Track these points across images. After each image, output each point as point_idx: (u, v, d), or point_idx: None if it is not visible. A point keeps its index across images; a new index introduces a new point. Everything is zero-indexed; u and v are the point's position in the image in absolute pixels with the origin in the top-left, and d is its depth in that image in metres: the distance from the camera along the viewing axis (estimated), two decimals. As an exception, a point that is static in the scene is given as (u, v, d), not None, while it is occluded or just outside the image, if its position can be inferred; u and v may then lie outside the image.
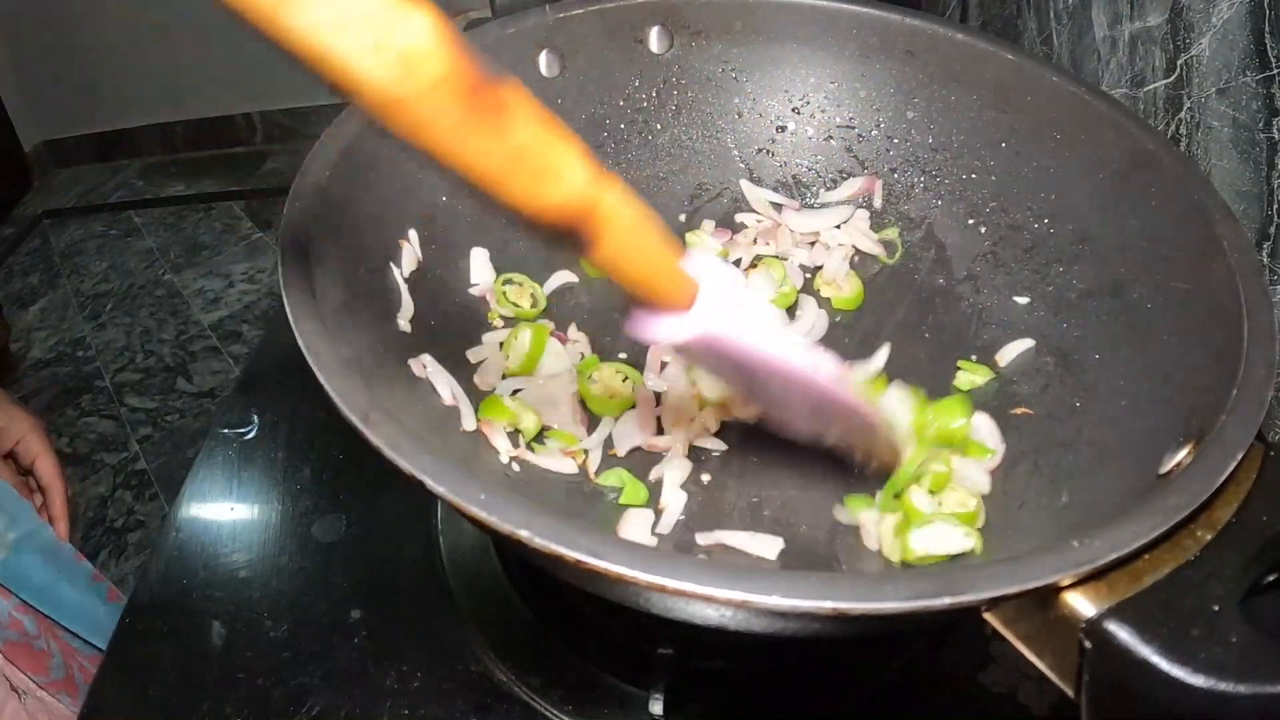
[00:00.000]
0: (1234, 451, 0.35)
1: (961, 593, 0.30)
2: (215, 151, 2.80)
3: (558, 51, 0.61)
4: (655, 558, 0.30)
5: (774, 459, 0.52)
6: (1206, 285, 0.45)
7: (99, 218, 2.57)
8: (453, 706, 0.52)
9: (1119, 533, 0.32)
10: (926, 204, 0.64)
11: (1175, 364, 0.45)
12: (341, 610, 0.56)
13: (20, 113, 2.68)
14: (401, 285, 0.52)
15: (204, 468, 0.66)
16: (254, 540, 0.61)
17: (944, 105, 0.62)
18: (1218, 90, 0.57)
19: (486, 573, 0.58)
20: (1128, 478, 0.42)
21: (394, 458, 0.34)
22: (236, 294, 2.23)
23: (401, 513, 0.62)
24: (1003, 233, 0.60)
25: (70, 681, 0.71)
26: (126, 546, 1.68)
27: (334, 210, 0.47)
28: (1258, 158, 0.55)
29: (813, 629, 0.37)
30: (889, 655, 0.54)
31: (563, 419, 0.53)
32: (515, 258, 0.61)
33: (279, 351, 0.76)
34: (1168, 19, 0.60)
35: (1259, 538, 0.33)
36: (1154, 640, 0.30)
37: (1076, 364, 0.53)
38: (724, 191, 0.67)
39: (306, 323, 0.39)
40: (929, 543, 0.45)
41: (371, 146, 0.51)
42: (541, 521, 0.31)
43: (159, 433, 1.90)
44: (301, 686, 0.53)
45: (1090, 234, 0.55)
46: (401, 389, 0.48)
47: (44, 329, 2.19)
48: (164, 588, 0.58)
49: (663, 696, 0.49)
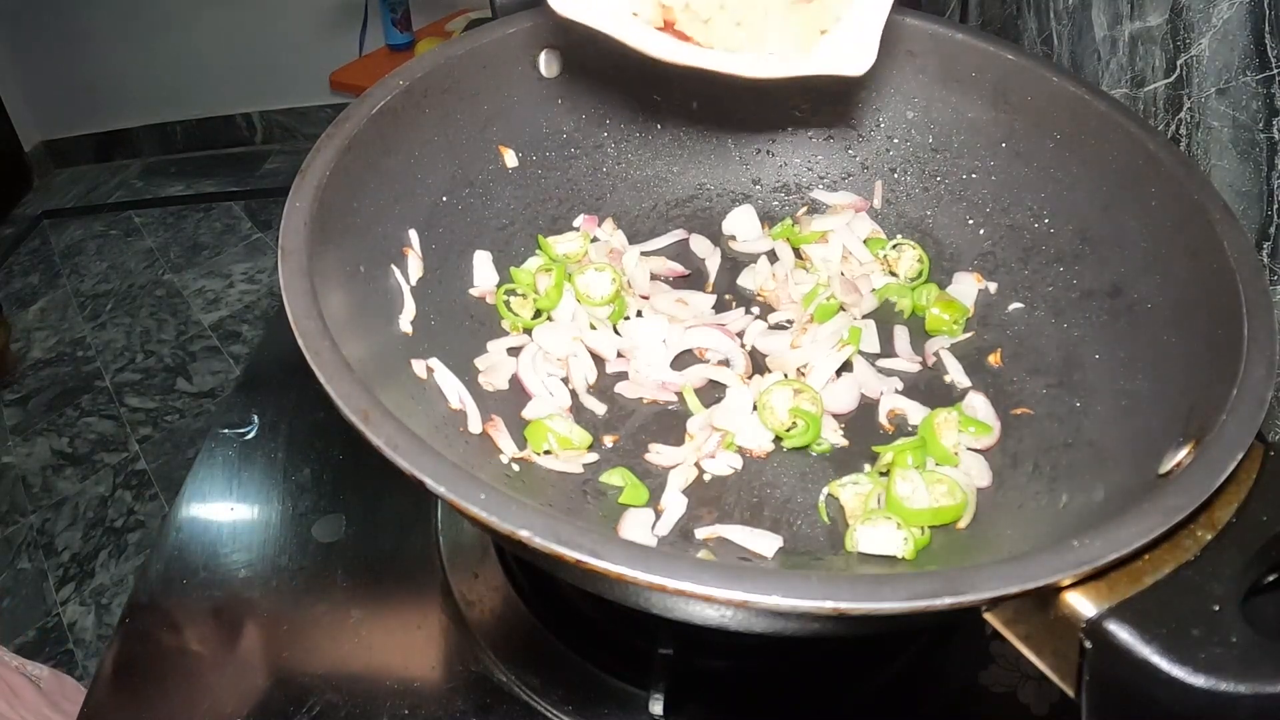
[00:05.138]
0: (1234, 451, 0.35)
1: (961, 593, 0.30)
2: (215, 151, 2.81)
3: (557, 51, 0.61)
4: (655, 558, 0.30)
5: (774, 458, 0.52)
6: (1206, 285, 0.45)
7: (99, 218, 2.57)
8: (453, 706, 0.52)
9: (1119, 533, 0.32)
10: (926, 204, 0.64)
11: (1175, 364, 0.45)
12: (341, 610, 0.56)
13: (20, 113, 2.68)
14: (402, 286, 0.52)
15: (204, 468, 0.66)
16: (254, 540, 0.61)
17: (944, 105, 0.62)
18: (1218, 90, 0.57)
19: (486, 573, 0.58)
20: (1128, 478, 0.42)
21: (394, 458, 0.34)
22: (236, 294, 2.23)
23: (401, 513, 0.62)
24: (1002, 233, 0.60)
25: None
26: (126, 546, 1.68)
27: (334, 210, 0.47)
28: (1258, 158, 0.55)
29: (813, 629, 0.37)
30: (889, 655, 0.54)
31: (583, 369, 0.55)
32: (517, 257, 0.61)
33: (279, 351, 0.76)
34: (1168, 19, 0.60)
35: (1259, 538, 0.33)
36: (1154, 640, 0.30)
37: (1076, 364, 0.53)
38: (724, 191, 0.67)
39: (306, 323, 0.39)
40: (869, 540, 0.46)
41: (372, 146, 0.51)
42: (541, 521, 0.31)
43: (159, 433, 1.90)
44: (301, 686, 0.53)
45: (1090, 234, 0.55)
46: (402, 390, 0.48)
47: (44, 329, 2.19)
48: (164, 588, 0.58)
49: (663, 696, 0.49)
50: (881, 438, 0.54)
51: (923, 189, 0.64)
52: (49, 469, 1.84)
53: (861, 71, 0.44)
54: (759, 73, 0.44)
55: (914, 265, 0.62)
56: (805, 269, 0.63)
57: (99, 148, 2.82)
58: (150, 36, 2.59)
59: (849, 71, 0.44)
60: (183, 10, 2.55)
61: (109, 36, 2.59)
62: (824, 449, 0.53)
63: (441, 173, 0.57)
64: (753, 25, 0.44)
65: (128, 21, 2.56)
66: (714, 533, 0.47)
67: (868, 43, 0.44)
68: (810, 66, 0.44)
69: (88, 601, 1.59)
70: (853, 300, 0.60)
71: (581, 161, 0.65)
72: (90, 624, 1.56)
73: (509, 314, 0.58)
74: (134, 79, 2.68)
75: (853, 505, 0.49)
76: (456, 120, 0.57)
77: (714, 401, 0.54)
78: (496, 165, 0.60)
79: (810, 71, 0.44)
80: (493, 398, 0.53)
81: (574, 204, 0.65)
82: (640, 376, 0.56)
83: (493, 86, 0.59)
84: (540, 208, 0.63)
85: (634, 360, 0.57)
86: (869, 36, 0.44)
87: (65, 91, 2.69)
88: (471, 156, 0.59)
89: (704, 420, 0.53)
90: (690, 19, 0.44)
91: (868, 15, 0.44)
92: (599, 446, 0.52)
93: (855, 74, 0.44)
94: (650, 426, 0.54)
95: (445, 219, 0.57)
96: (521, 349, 0.56)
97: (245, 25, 2.56)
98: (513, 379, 0.55)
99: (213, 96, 2.73)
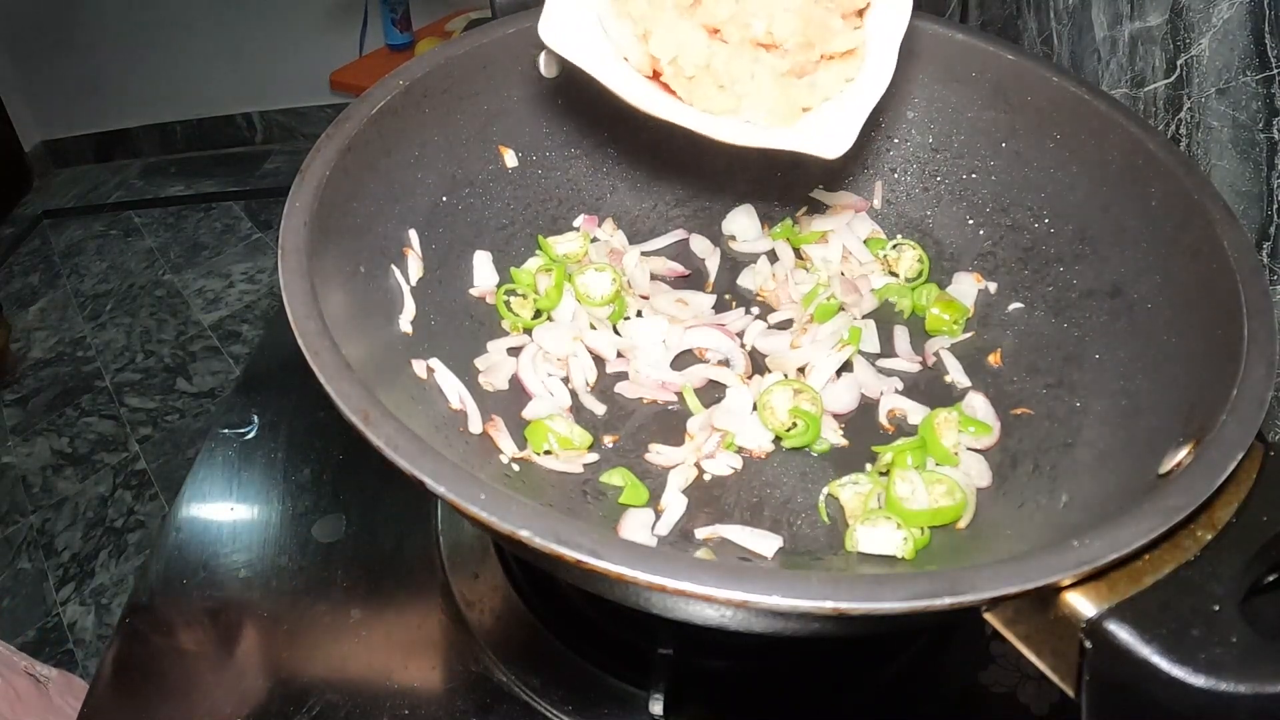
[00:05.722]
0: (1234, 451, 0.35)
1: (961, 593, 0.30)
2: (215, 151, 2.80)
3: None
4: (655, 558, 0.30)
5: (775, 458, 0.52)
6: (1206, 285, 0.45)
7: (99, 218, 2.57)
8: (453, 706, 0.52)
9: (1119, 533, 0.32)
10: (926, 204, 0.64)
11: (1175, 364, 0.45)
12: (341, 610, 0.56)
13: (20, 113, 2.68)
14: (402, 286, 0.52)
15: (204, 468, 0.66)
16: (254, 540, 0.61)
17: (944, 105, 0.62)
18: (1218, 90, 0.57)
19: (486, 573, 0.58)
20: (1128, 478, 0.42)
21: (394, 458, 0.34)
22: (236, 294, 2.23)
23: (401, 513, 0.62)
24: (1002, 233, 0.60)
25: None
26: (126, 546, 1.68)
27: (334, 210, 0.47)
28: (1258, 158, 0.55)
29: (813, 629, 0.37)
30: (889, 655, 0.54)
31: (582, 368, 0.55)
32: (517, 257, 0.61)
33: (279, 351, 0.76)
34: (1168, 19, 0.60)
35: (1259, 538, 0.33)
36: (1154, 640, 0.30)
37: (1076, 364, 0.52)
38: (724, 191, 0.67)
39: (306, 323, 0.39)
40: (869, 540, 0.46)
41: (371, 146, 0.51)
42: (541, 521, 0.31)
43: (159, 433, 1.90)
44: (301, 686, 0.53)
45: (1090, 234, 0.55)
46: (402, 390, 0.48)
47: (44, 329, 2.19)
48: (164, 588, 0.58)
49: (663, 696, 0.49)
50: (881, 438, 0.54)
51: (923, 189, 0.64)
52: (49, 469, 1.84)
53: (835, 156, 0.43)
54: (732, 139, 0.44)
55: (914, 265, 0.62)
56: (805, 269, 0.63)
57: (99, 148, 2.82)
58: (150, 36, 2.59)
59: (823, 154, 0.43)
60: (183, 10, 2.55)
61: (109, 36, 2.59)
62: (824, 449, 0.53)
63: (441, 173, 0.57)
64: (735, 90, 0.44)
65: (128, 21, 2.55)
66: (714, 533, 0.47)
67: (848, 129, 0.44)
68: (786, 142, 0.44)
69: (88, 601, 1.59)
70: (853, 300, 0.60)
71: (581, 161, 0.65)
72: (90, 624, 1.56)
73: (509, 314, 0.58)
74: (134, 79, 2.68)
75: (853, 505, 0.49)
76: (456, 120, 0.57)
77: (714, 401, 0.54)
78: (496, 165, 0.60)
79: (784, 147, 0.44)
80: (493, 398, 0.53)
81: (574, 204, 0.65)
82: (640, 376, 0.56)
83: (493, 86, 0.59)
84: (540, 208, 0.63)
85: (634, 360, 0.57)
86: (851, 123, 0.44)
87: (65, 91, 2.68)
88: (471, 156, 0.59)
89: (704, 420, 0.53)
90: (675, 73, 0.44)
91: (855, 103, 0.44)
92: (599, 446, 0.53)
93: (829, 157, 0.43)
94: (650, 426, 0.54)
95: (445, 219, 0.57)
96: (521, 349, 0.56)
97: (245, 25, 2.56)
98: (513, 379, 0.55)
99: (213, 96, 2.72)
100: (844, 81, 0.46)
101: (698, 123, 0.44)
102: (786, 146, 0.44)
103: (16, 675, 0.75)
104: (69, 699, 0.77)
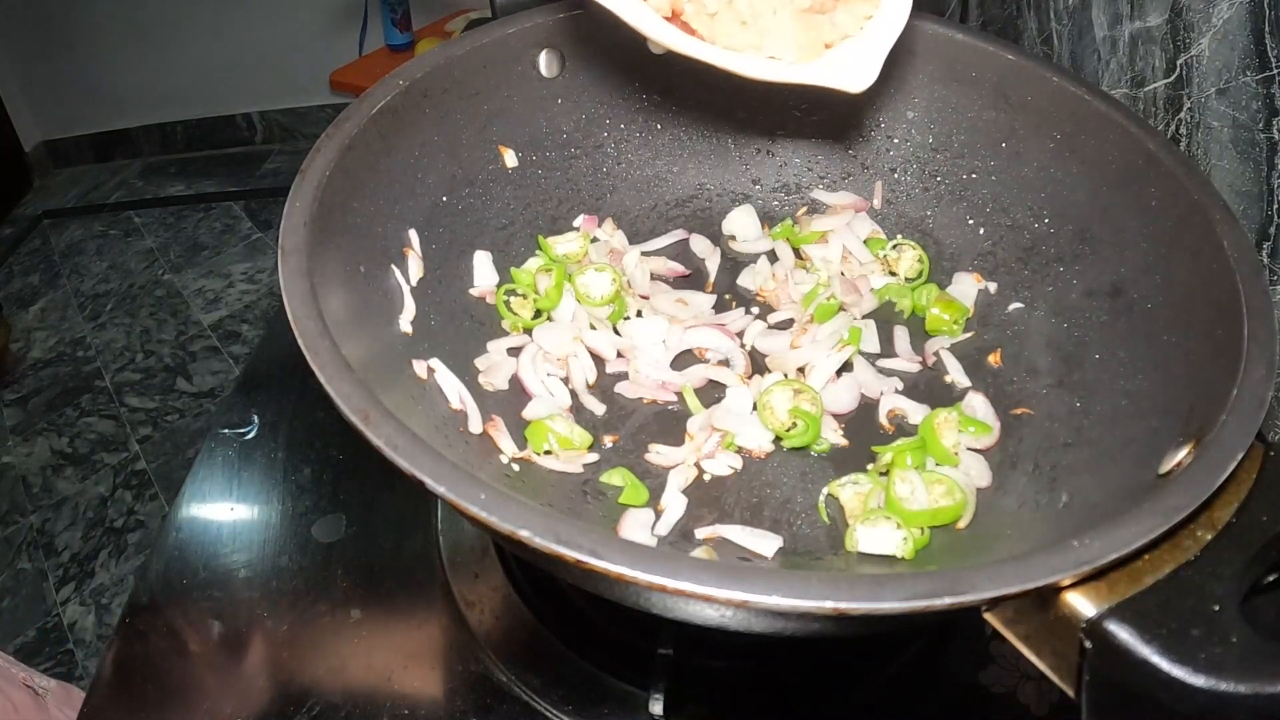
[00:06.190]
0: (1234, 451, 0.35)
1: (961, 593, 0.30)
2: (215, 151, 2.81)
3: (558, 51, 0.61)
4: (655, 558, 0.30)
5: (776, 457, 0.52)
6: (1206, 285, 0.45)
7: (99, 218, 2.57)
8: (453, 706, 0.52)
9: (1119, 533, 0.32)
10: (926, 204, 0.64)
11: (1175, 364, 0.45)
12: (341, 610, 0.56)
13: (20, 113, 2.68)
14: (402, 286, 0.52)
15: (204, 468, 0.66)
16: (254, 540, 0.61)
17: (944, 105, 0.62)
18: (1218, 90, 0.57)
19: (486, 573, 0.58)
20: (1128, 478, 0.42)
21: (394, 458, 0.34)
22: (236, 294, 2.23)
23: (401, 513, 0.62)
24: (1002, 233, 0.60)
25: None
26: (126, 546, 1.68)
27: (334, 210, 0.47)
28: (1258, 158, 0.55)
29: (813, 629, 0.37)
30: (889, 655, 0.54)
31: (582, 368, 0.55)
32: (517, 257, 0.61)
33: (279, 351, 0.76)
34: (1168, 19, 0.60)
35: (1259, 538, 0.33)
36: (1154, 640, 0.30)
37: (1076, 364, 0.52)
38: (724, 191, 0.67)
39: (306, 323, 0.39)
40: (869, 540, 0.46)
41: (371, 146, 0.51)
42: (541, 521, 0.31)
43: (159, 433, 1.90)
44: (301, 687, 0.53)
45: (1090, 234, 0.55)
46: (402, 390, 0.48)
47: (44, 329, 2.19)
48: (164, 588, 0.58)
49: (663, 696, 0.49)
50: (881, 438, 0.54)
51: (923, 189, 0.64)
52: (49, 469, 1.84)
53: (860, 89, 0.44)
54: (757, 74, 0.44)
55: (914, 265, 0.62)
56: (805, 269, 0.63)
57: (99, 148, 2.82)
58: (150, 36, 2.59)
59: (848, 87, 0.44)
60: (183, 10, 2.55)
61: (109, 36, 2.59)
62: (824, 449, 0.53)
63: (441, 173, 0.57)
64: (758, 26, 0.44)
65: (128, 21, 2.56)
66: (714, 533, 0.47)
67: (871, 62, 0.44)
68: (810, 76, 0.44)
69: (88, 601, 1.59)
70: (853, 300, 0.60)
71: (581, 161, 0.65)
72: (90, 624, 1.56)
73: (509, 314, 0.58)
74: (134, 79, 2.68)
75: (852, 505, 0.49)
76: (456, 120, 0.57)
77: (714, 401, 0.54)
78: (496, 165, 0.60)
79: (809, 81, 0.44)
80: (493, 398, 0.53)
81: (574, 204, 0.65)
82: (640, 376, 0.56)
83: (493, 86, 0.59)
84: (540, 208, 0.63)
85: (634, 360, 0.57)
86: (874, 57, 0.44)
87: (65, 91, 2.69)
88: (471, 156, 0.59)
89: (704, 420, 0.53)
90: (697, 11, 0.45)
91: (877, 37, 0.45)
92: (599, 446, 0.53)
93: (854, 91, 0.44)
94: (650, 426, 0.54)
95: (445, 219, 0.57)
96: (521, 349, 0.56)
97: (245, 25, 2.56)
98: (513, 379, 0.55)
99: (213, 96, 2.73)
100: (863, 19, 0.46)
101: (723, 59, 0.44)
102: (811, 81, 0.44)
103: (14, 688, 0.75)
104: (67, 710, 0.77)
